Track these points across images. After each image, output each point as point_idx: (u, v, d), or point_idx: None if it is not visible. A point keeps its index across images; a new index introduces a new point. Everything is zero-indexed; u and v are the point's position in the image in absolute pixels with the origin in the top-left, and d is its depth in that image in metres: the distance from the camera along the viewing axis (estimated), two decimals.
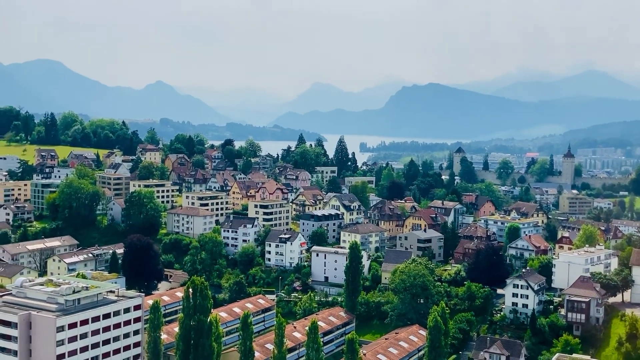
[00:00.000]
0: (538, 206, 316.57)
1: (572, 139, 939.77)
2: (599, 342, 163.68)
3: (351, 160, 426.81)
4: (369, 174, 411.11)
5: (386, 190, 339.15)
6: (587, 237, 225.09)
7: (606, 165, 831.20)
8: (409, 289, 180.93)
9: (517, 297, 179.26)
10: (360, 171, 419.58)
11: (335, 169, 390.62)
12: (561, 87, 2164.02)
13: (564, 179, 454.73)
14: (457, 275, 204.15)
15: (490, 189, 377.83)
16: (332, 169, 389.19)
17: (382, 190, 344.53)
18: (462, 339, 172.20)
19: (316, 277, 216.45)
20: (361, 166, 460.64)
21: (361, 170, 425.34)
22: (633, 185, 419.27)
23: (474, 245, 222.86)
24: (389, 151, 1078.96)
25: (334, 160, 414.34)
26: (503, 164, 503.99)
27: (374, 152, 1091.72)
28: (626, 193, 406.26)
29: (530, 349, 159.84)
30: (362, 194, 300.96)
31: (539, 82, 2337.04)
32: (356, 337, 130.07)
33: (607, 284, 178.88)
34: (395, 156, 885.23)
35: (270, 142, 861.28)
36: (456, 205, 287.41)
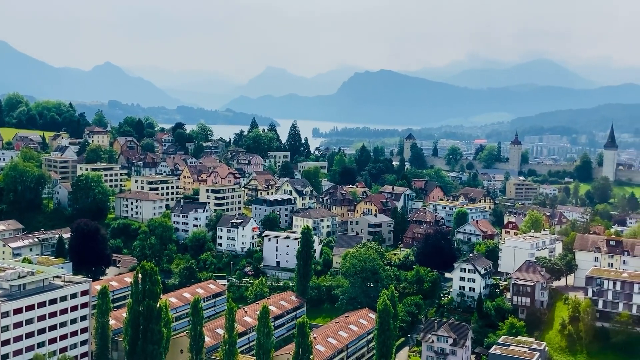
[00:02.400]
0: (485, 192, 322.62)
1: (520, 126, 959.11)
2: (543, 324, 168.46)
3: (304, 145, 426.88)
4: (321, 159, 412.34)
5: (338, 176, 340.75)
6: (532, 223, 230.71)
7: (552, 152, 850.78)
8: (360, 273, 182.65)
9: (464, 281, 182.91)
10: (312, 156, 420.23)
11: (288, 154, 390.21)
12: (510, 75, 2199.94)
13: (511, 166, 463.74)
14: (406, 260, 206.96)
15: (439, 175, 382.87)
16: (284, 154, 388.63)
17: (334, 176, 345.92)
18: (411, 322, 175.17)
19: (268, 262, 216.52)
20: (314, 151, 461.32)
21: (314, 156, 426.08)
22: (578, 172, 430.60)
23: (423, 230, 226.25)
24: (341, 137, 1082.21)
25: (287, 145, 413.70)
26: (452, 150, 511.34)
27: (326, 137, 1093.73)
28: (571, 180, 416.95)
29: (477, 331, 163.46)
30: (315, 179, 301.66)
31: (488, 70, 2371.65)
32: (307, 321, 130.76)
33: (552, 268, 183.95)
34: (347, 142, 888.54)
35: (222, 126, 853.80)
36: (406, 191, 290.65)
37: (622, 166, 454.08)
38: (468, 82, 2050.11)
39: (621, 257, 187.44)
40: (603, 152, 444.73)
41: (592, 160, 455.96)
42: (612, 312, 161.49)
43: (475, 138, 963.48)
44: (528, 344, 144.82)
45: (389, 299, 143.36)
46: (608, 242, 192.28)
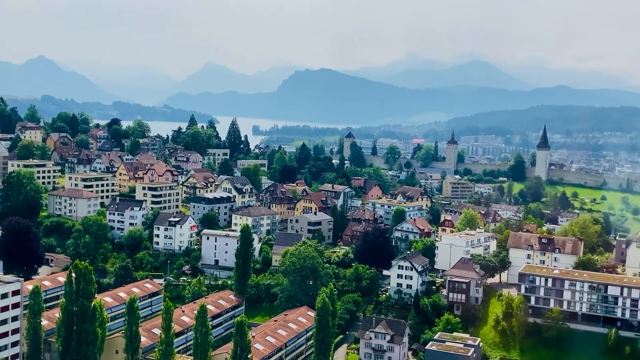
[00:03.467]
0: (423, 190, 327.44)
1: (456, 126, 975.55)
2: (477, 320, 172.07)
3: (244, 143, 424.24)
4: (261, 157, 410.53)
5: (278, 174, 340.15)
6: (468, 221, 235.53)
7: (487, 152, 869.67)
8: (299, 271, 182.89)
9: (401, 278, 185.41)
10: (252, 154, 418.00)
11: (228, 151, 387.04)
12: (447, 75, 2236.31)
13: (447, 165, 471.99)
14: (345, 257, 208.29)
15: (378, 174, 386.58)
16: (224, 151, 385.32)
17: (274, 174, 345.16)
18: (349, 319, 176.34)
19: (206, 261, 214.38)
20: (254, 149, 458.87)
21: (254, 153, 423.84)
22: (511, 172, 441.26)
23: (362, 228, 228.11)
24: (281, 135, 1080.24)
25: (226, 143, 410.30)
26: (390, 149, 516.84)
27: (266, 135, 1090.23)
28: (505, 179, 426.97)
29: (413, 328, 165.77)
30: (255, 177, 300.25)
31: (427, 70, 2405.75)
32: (245, 320, 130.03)
33: (486, 266, 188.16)
34: (287, 140, 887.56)
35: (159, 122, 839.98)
36: (346, 189, 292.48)
37: (554, 166, 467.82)
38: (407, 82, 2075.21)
39: (552, 255, 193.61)
40: (536, 152, 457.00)
41: (526, 160, 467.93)
42: (543, 308, 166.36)
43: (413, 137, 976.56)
44: (463, 340, 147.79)
45: (327, 297, 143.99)
46: (540, 240, 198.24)
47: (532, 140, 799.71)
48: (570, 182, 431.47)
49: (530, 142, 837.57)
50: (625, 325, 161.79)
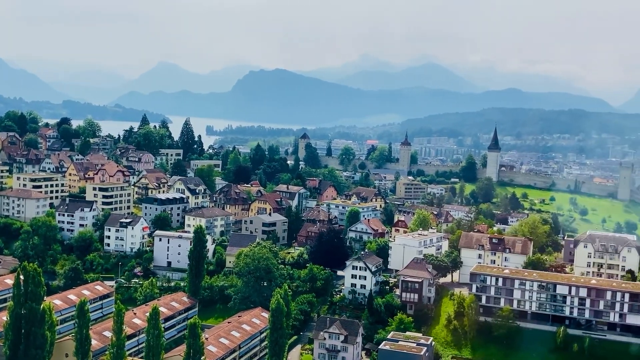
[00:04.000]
0: (377, 191, 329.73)
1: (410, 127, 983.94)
2: (430, 320, 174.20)
3: (197, 143, 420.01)
4: (215, 157, 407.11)
5: (232, 174, 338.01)
6: (421, 221, 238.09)
7: (440, 153, 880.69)
8: (253, 272, 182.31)
9: (356, 279, 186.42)
10: (206, 154, 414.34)
11: (181, 151, 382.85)
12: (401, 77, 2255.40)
13: (401, 166, 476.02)
14: (300, 258, 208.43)
15: (333, 174, 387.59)
16: (177, 151, 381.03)
17: (228, 174, 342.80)
18: (304, 320, 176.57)
19: (159, 262, 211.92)
20: (207, 149, 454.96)
21: (207, 154, 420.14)
22: (463, 173, 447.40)
23: (316, 228, 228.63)
24: (235, 135, 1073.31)
25: (180, 143, 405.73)
26: (345, 150, 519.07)
27: (220, 135, 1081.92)
28: (457, 180, 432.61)
29: (367, 328, 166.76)
30: (208, 178, 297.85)
31: (380, 72, 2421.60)
32: (198, 322, 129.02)
33: (439, 265, 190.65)
34: (242, 140, 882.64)
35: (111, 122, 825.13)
36: (301, 190, 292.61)
37: (505, 167, 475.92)
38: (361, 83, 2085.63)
39: (503, 254, 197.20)
40: (487, 153, 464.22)
41: (477, 162, 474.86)
42: (494, 307, 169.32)
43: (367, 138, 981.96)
44: (416, 339, 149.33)
45: (282, 298, 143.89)
46: (491, 240, 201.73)
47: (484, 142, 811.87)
48: (520, 183, 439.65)
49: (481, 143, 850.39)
50: (573, 323, 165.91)
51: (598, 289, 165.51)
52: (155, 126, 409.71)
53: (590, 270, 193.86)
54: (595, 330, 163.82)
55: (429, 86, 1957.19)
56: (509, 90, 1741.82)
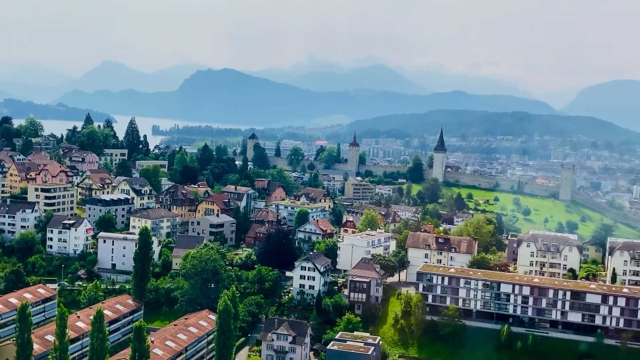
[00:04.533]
0: (325, 192, 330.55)
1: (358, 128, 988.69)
2: (378, 319, 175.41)
3: (143, 143, 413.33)
4: (161, 157, 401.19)
5: (179, 175, 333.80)
6: (369, 221, 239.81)
7: (387, 154, 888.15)
8: (200, 274, 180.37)
9: (304, 279, 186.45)
10: (152, 155, 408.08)
11: (126, 151, 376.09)
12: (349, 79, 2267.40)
13: (349, 167, 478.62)
14: (248, 259, 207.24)
15: (281, 175, 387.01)
16: (122, 151, 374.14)
17: (175, 175, 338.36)
18: (252, 322, 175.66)
19: (103, 265, 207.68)
20: (153, 149, 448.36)
21: (153, 154, 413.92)
22: (410, 173, 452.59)
23: (265, 229, 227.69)
24: (182, 135, 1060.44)
25: (125, 143, 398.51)
26: (294, 150, 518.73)
27: (167, 135, 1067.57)
28: (404, 180, 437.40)
29: (315, 328, 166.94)
30: (154, 178, 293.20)
31: (329, 73, 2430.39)
32: (144, 325, 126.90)
33: (386, 265, 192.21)
34: (189, 140, 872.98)
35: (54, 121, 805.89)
36: (249, 191, 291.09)
37: (450, 168, 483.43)
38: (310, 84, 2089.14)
39: (449, 254, 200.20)
40: (433, 154, 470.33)
41: (424, 163, 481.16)
42: (440, 306, 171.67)
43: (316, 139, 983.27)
44: (363, 338, 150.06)
45: (229, 300, 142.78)
46: (437, 239, 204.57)
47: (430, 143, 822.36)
48: (465, 183, 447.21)
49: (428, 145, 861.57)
50: (516, 321, 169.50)
51: (540, 287, 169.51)
52: (99, 126, 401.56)
53: (533, 269, 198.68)
54: (538, 327, 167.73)
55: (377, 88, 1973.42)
56: (454, 92, 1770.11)
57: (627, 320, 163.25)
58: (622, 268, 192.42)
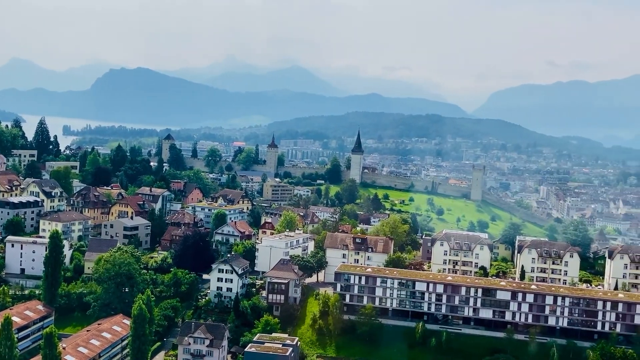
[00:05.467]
0: (244, 193, 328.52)
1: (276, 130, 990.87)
2: (296, 320, 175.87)
3: (53, 143, 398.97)
4: (72, 158, 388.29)
5: (91, 176, 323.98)
6: (287, 223, 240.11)
7: (306, 155, 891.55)
8: (114, 278, 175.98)
9: (222, 282, 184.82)
10: (63, 155, 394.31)
11: (35, 152, 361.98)
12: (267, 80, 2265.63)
13: (268, 168, 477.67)
14: (163, 263, 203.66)
15: (198, 176, 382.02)
16: (31, 152, 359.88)
17: (87, 176, 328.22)
18: (168, 326, 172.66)
19: (11, 270, 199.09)
20: (64, 150, 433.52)
21: (64, 155, 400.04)
22: (328, 175, 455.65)
23: (181, 232, 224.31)
24: (95, 135, 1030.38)
25: (34, 144, 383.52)
26: (211, 152, 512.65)
27: (78, 135, 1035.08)
28: (322, 181, 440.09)
29: (233, 331, 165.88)
30: (65, 180, 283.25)
31: (246, 74, 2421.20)
32: (55, 331, 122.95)
33: (305, 266, 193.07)
34: (102, 141, 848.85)
35: None
36: (164, 192, 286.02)
37: (367, 169, 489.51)
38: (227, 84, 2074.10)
39: (366, 254, 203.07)
40: (351, 156, 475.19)
41: (341, 164, 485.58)
42: (357, 305, 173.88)
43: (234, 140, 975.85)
44: (282, 340, 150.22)
45: (144, 304, 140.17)
46: (354, 239, 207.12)
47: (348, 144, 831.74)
48: (381, 184, 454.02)
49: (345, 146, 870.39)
50: (431, 318, 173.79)
51: (453, 285, 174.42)
52: (7, 126, 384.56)
53: (447, 267, 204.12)
54: (451, 324, 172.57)
55: (295, 89, 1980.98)
56: (371, 95, 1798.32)
57: (535, 316, 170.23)
58: (530, 265, 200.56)
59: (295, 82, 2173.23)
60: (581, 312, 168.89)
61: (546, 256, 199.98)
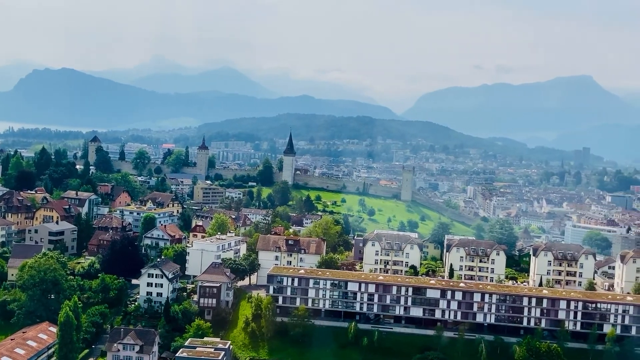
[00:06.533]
0: (174, 196, 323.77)
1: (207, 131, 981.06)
2: (228, 324, 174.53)
3: None
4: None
5: (14, 180, 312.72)
6: (219, 225, 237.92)
7: (238, 157, 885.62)
8: (39, 285, 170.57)
9: (152, 287, 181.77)
10: None
11: None
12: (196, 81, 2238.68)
13: (198, 170, 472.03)
14: (91, 268, 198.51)
15: (126, 179, 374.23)
16: None
17: (9, 180, 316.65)
18: (96, 333, 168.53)
19: None
20: None
21: None
22: (260, 177, 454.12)
23: (109, 236, 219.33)
24: (17, 138, 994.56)
25: None
26: (140, 154, 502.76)
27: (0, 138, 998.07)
28: (255, 183, 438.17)
29: (164, 336, 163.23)
30: None
31: (175, 75, 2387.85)
32: None
33: (237, 269, 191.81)
34: (25, 143, 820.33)
35: None
36: (91, 196, 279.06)
37: (300, 171, 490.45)
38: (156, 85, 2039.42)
39: (298, 255, 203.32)
40: (283, 157, 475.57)
41: (273, 166, 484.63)
42: (290, 307, 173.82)
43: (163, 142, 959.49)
44: (214, 344, 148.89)
45: (71, 310, 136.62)
46: (287, 241, 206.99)
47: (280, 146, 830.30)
48: (314, 186, 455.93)
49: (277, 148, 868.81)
50: (363, 318, 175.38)
51: (385, 284, 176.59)
52: None
53: (378, 267, 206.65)
54: (383, 323, 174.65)
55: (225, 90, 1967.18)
56: (302, 97, 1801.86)
57: (464, 313, 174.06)
58: (459, 264, 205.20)
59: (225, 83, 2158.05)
60: (508, 308, 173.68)
61: (474, 254, 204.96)
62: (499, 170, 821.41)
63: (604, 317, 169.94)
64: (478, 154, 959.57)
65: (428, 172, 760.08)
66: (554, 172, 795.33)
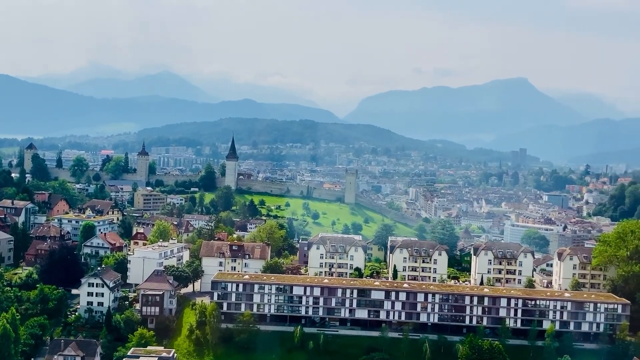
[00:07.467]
0: (113, 203, 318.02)
1: (147, 137, 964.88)
2: (172, 332, 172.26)
3: None
4: None
5: None
6: (161, 232, 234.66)
7: (179, 163, 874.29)
8: None
9: (92, 296, 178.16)
10: None
11: None
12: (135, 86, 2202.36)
13: (139, 176, 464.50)
14: (29, 279, 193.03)
15: (64, 187, 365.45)
16: None
17: None
18: (35, 345, 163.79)
19: None
20: None
21: None
22: (203, 182, 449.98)
23: (47, 245, 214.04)
24: None
25: None
26: (77, 161, 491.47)
27: None
28: (197, 189, 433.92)
29: (105, 346, 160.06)
30: None
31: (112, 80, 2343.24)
32: None
33: (180, 276, 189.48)
34: None
35: None
36: (28, 205, 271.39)
37: (243, 175, 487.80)
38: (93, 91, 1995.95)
39: (243, 261, 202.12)
40: (225, 162, 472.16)
41: (216, 171, 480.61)
42: (235, 313, 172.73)
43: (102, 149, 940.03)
44: (157, 352, 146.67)
45: (8, 323, 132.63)
46: (231, 247, 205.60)
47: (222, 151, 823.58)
48: (257, 190, 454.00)
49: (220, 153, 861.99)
50: (308, 321, 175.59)
51: (330, 287, 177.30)
52: None
53: (323, 270, 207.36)
54: (328, 326, 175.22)
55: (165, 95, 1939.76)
56: (244, 100, 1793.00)
57: (408, 313, 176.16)
58: (402, 264, 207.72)
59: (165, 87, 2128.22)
60: (450, 307, 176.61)
61: (416, 255, 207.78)
62: (439, 171, 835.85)
63: (543, 314, 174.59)
64: (419, 156, 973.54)
65: (371, 174, 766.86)
66: (492, 173, 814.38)
